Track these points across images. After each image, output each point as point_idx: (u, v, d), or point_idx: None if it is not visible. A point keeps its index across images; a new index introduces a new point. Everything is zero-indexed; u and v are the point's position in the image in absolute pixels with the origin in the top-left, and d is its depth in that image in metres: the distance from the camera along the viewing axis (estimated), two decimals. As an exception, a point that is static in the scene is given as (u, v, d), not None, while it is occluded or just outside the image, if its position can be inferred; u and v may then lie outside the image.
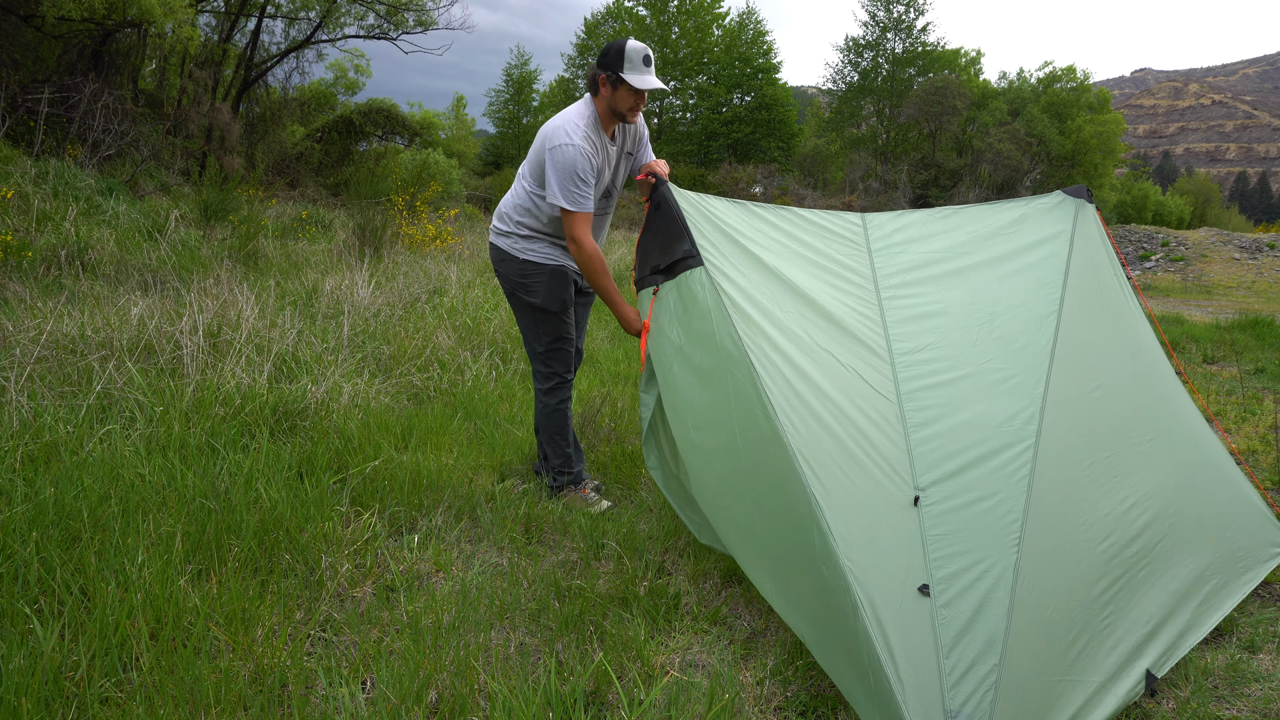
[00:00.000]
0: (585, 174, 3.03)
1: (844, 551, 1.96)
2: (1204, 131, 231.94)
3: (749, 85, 41.00)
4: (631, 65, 3.02)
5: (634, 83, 3.00)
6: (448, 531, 2.97)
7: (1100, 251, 2.92)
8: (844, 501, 2.11)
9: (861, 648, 1.85)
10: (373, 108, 19.42)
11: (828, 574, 1.97)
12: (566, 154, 3.00)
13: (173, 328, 4.48)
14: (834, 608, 1.95)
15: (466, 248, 10.90)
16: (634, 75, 3.02)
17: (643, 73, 3.05)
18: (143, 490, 2.79)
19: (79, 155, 10.79)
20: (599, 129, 3.13)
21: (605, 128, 3.16)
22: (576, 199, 3.03)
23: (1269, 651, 2.45)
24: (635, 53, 3.03)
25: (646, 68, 3.07)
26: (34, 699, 1.79)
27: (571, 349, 3.41)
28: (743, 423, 2.32)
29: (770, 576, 2.25)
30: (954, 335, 2.70)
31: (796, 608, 2.14)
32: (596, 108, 3.13)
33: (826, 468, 2.17)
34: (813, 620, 2.07)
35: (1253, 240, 21.58)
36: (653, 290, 2.83)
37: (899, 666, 1.80)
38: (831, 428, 2.33)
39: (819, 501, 2.05)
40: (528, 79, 48.34)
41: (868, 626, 1.84)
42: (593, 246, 3.11)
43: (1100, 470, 2.38)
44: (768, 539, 2.25)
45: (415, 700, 1.95)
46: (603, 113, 3.13)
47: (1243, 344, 7.95)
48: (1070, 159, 36.38)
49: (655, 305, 2.81)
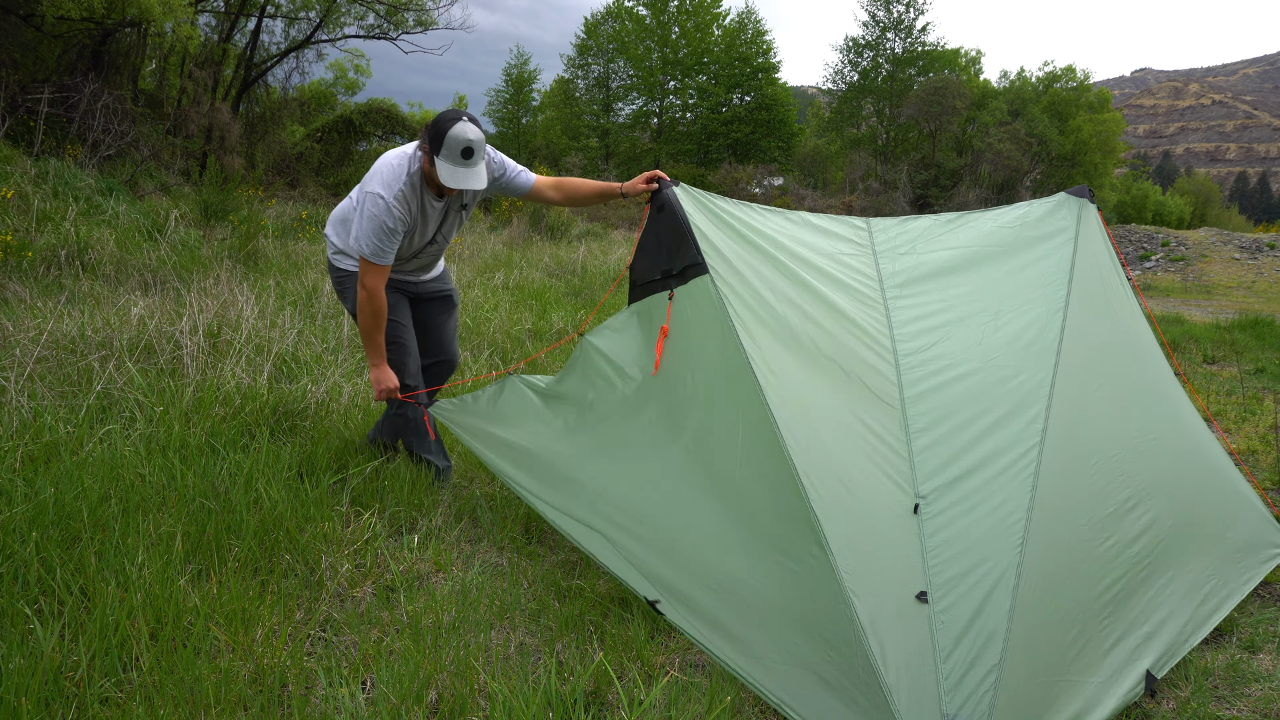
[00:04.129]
0: (390, 231, 2.90)
1: (842, 565, 1.96)
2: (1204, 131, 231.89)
3: (749, 85, 40.98)
4: (448, 154, 2.78)
5: (442, 176, 2.80)
6: (448, 532, 2.97)
7: (1102, 251, 2.92)
8: (843, 514, 2.11)
9: (856, 658, 1.84)
10: (373, 108, 19.39)
11: (824, 584, 1.96)
12: (377, 206, 2.87)
13: (173, 328, 4.48)
14: (830, 618, 1.93)
15: (466, 248, 10.90)
16: (445, 166, 2.80)
17: (457, 165, 2.79)
18: (143, 490, 2.79)
19: (79, 155, 10.78)
20: (419, 187, 2.98)
21: (430, 185, 3.01)
22: (378, 251, 2.92)
23: (1269, 651, 2.45)
24: (455, 143, 2.76)
25: (465, 160, 2.79)
26: (34, 699, 1.79)
27: (405, 355, 3.24)
28: (747, 432, 2.31)
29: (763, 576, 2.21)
30: (959, 334, 2.70)
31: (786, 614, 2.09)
32: (423, 163, 2.95)
33: (826, 480, 2.17)
34: (806, 629, 2.02)
35: (1253, 240, 21.57)
36: (668, 294, 2.73)
37: (893, 674, 1.80)
38: (833, 438, 2.33)
39: (818, 514, 2.04)
40: (527, 79, 48.32)
41: (862, 637, 1.84)
42: (381, 300, 2.98)
43: (1104, 471, 2.38)
44: (768, 548, 2.21)
45: (415, 700, 1.95)
46: (426, 171, 2.96)
47: (1243, 344, 7.95)
48: (1070, 159, 36.35)
49: (673, 309, 2.70)
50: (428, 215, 3.06)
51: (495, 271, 8.68)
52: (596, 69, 43.52)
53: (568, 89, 44.06)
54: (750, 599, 2.14)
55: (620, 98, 43.27)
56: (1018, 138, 33.12)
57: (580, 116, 43.18)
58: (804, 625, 1.98)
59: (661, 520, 2.46)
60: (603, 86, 43.48)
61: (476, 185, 2.83)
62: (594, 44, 42.93)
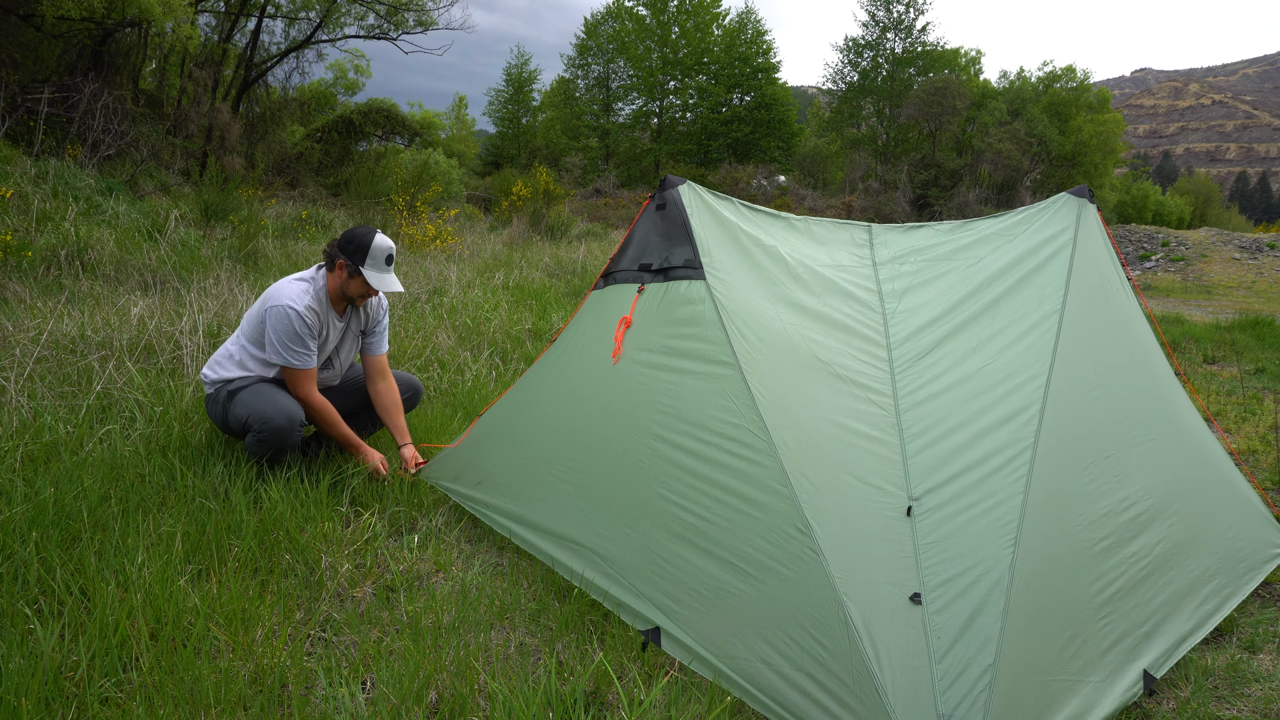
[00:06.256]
0: (304, 332, 3.07)
1: (835, 568, 1.96)
2: (1204, 131, 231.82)
3: (749, 85, 41.02)
4: (373, 262, 3.13)
5: (372, 282, 3.12)
6: (448, 532, 2.97)
7: (1102, 251, 2.92)
8: (835, 518, 2.11)
9: (851, 660, 1.84)
10: (373, 108, 19.38)
11: (817, 588, 1.96)
12: (287, 315, 3.05)
13: (173, 328, 4.48)
14: (823, 621, 1.93)
15: (466, 248, 10.90)
16: (373, 273, 3.14)
17: (383, 272, 3.16)
18: (143, 490, 2.79)
19: (79, 155, 10.78)
20: (325, 302, 3.20)
21: (334, 304, 3.23)
22: (298, 355, 3.07)
23: (1269, 651, 2.45)
24: (380, 251, 3.13)
25: (387, 267, 3.17)
26: (34, 699, 1.79)
27: (274, 400, 3.08)
28: (735, 436, 2.28)
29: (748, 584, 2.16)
30: (957, 338, 2.71)
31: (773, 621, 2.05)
32: (328, 283, 3.21)
33: (817, 484, 2.16)
34: (800, 633, 1.98)
35: (1253, 240, 21.57)
36: (638, 287, 2.73)
37: (888, 676, 1.80)
38: (825, 442, 2.33)
39: (809, 519, 2.04)
40: (528, 79, 48.33)
41: (856, 639, 1.84)
42: (320, 400, 3.16)
43: (1100, 471, 2.38)
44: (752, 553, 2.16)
45: (415, 700, 1.95)
46: (332, 289, 3.21)
47: (1243, 344, 7.95)
48: (1070, 159, 36.35)
49: (639, 302, 2.71)
50: (329, 332, 3.25)
51: (495, 271, 8.68)
52: (596, 69, 43.56)
53: (568, 89, 44.09)
54: (742, 605, 2.11)
55: (620, 98, 43.30)
56: (1018, 138, 33.10)
57: (580, 116, 43.20)
58: (797, 629, 1.97)
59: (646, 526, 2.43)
60: (603, 86, 43.50)
61: (398, 288, 3.24)
62: (594, 44, 42.97)
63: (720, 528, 2.22)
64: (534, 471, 2.83)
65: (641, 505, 2.43)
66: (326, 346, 3.28)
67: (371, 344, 3.43)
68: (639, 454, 2.49)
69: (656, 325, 2.62)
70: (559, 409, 2.87)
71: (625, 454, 2.53)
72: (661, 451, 2.43)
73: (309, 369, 3.12)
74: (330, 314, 3.24)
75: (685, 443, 2.38)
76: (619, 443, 2.57)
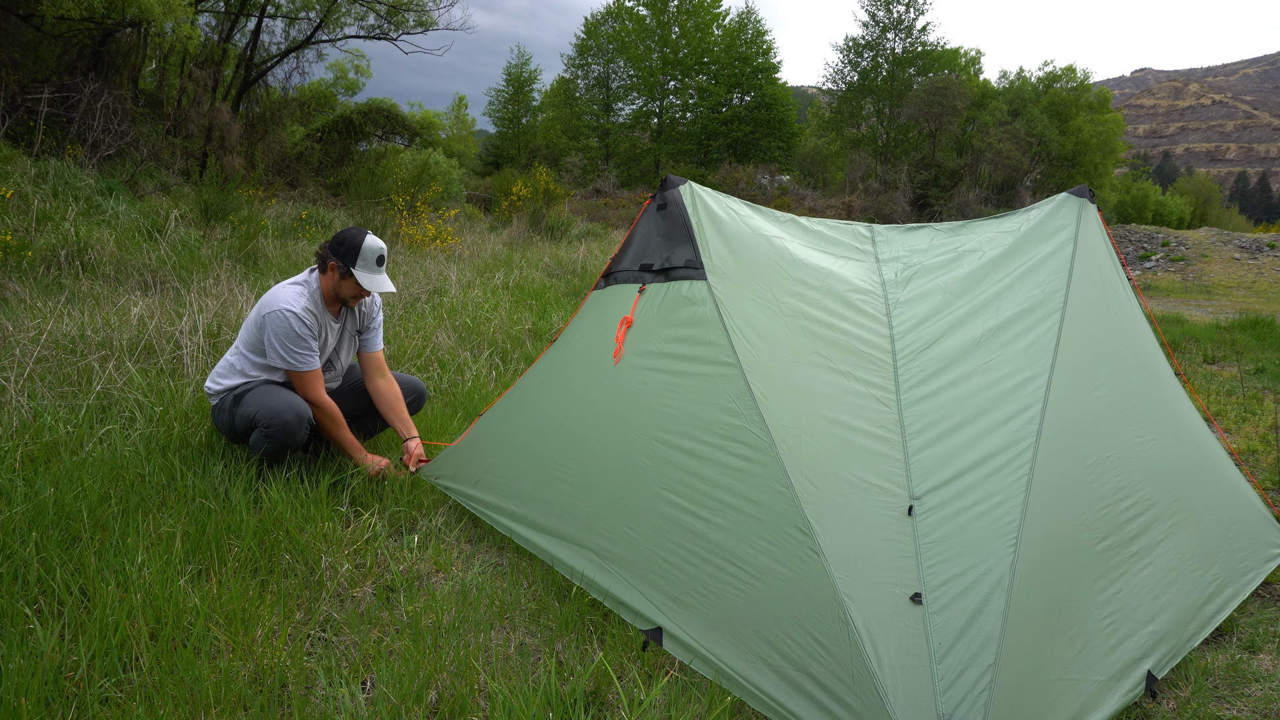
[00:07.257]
0: (304, 333, 3.09)
1: (835, 568, 1.96)
2: (1204, 131, 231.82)
3: (749, 85, 41.02)
4: (364, 263, 3.15)
5: (364, 283, 3.14)
6: (448, 532, 2.97)
7: (1102, 251, 2.92)
8: (836, 517, 2.10)
9: (851, 660, 1.83)
10: (373, 108, 19.37)
11: (817, 588, 1.96)
12: (285, 319, 3.07)
13: (173, 328, 4.48)
14: (824, 621, 1.93)
15: (466, 248, 10.90)
16: (364, 274, 3.15)
17: (374, 272, 3.18)
18: (143, 490, 2.79)
19: (79, 155, 10.78)
20: (320, 305, 3.23)
21: (328, 306, 3.27)
22: (302, 357, 3.09)
23: (1269, 651, 2.45)
24: (371, 252, 3.15)
25: (379, 268, 3.19)
26: (34, 699, 1.79)
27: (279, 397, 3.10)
28: (736, 436, 2.27)
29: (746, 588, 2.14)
30: (958, 338, 2.71)
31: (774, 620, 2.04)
32: (321, 285, 3.24)
33: (817, 483, 2.16)
34: (800, 632, 1.98)
35: (1253, 240, 21.57)
36: (639, 287, 2.74)
37: (888, 676, 1.79)
38: (825, 442, 2.32)
39: (810, 518, 2.04)
40: (528, 79, 48.33)
41: (857, 639, 1.84)
42: (329, 402, 3.18)
43: (1101, 470, 2.38)
44: (759, 553, 2.16)
45: (415, 700, 1.95)
46: (326, 290, 3.24)
47: (1243, 344, 7.95)
48: (1070, 159, 36.34)
49: (640, 302, 2.71)
50: (327, 334, 3.27)
51: (495, 271, 8.68)
52: (596, 69, 43.56)
53: (568, 89, 44.08)
54: (743, 605, 2.11)
55: (620, 98, 43.29)
56: (1018, 138, 33.08)
57: (580, 116, 43.19)
58: (798, 629, 1.97)
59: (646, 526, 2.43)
60: (603, 86, 43.50)
61: (390, 289, 3.23)
62: (594, 44, 42.96)
63: (721, 528, 2.22)
64: (534, 471, 2.83)
65: (642, 505, 2.42)
66: (325, 348, 3.29)
67: (367, 340, 3.44)
68: (640, 454, 2.49)
69: (658, 325, 2.62)
70: (560, 409, 2.87)
71: (626, 454, 2.53)
72: (662, 452, 2.43)
73: (314, 370, 3.13)
74: (326, 316, 3.26)
75: (686, 443, 2.39)
76: (620, 442, 2.57)
